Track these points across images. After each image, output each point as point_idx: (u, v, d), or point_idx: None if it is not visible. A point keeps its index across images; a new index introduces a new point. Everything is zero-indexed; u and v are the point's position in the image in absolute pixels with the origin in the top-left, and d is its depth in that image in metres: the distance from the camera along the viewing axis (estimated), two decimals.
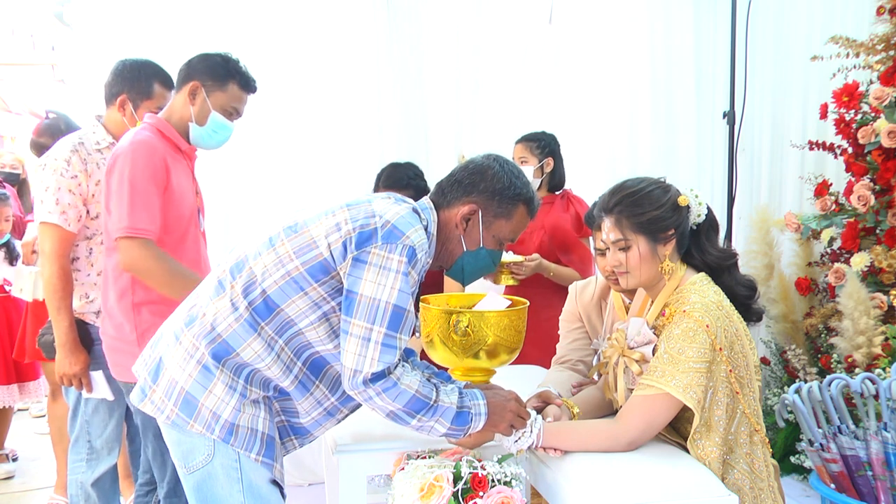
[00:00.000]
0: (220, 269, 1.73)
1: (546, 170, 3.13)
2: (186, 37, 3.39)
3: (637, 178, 1.87)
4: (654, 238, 1.80)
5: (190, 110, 2.27)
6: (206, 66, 2.27)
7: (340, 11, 3.61)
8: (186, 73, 2.28)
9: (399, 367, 1.63)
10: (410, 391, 1.62)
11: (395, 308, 1.59)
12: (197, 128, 2.28)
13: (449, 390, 1.69)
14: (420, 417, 1.64)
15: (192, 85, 2.25)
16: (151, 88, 2.47)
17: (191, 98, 2.26)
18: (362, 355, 1.59)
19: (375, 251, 1.60)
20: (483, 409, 1.70)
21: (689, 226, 1.85)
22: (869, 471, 2.33)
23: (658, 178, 1.88)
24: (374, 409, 1.65)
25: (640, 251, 1.80)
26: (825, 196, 3.57)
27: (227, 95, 2.29)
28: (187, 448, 1.68)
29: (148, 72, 2.49)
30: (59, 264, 2.36)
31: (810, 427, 2.35)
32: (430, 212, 1.75)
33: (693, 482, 1.66)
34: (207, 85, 2.26)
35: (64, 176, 2.36)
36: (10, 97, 7.91)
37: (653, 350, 1.79)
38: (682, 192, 1.84)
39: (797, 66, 3.98)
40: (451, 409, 1.66)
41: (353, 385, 1.62)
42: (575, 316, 2.40)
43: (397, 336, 1.61)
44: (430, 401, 1.64)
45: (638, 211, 1.79)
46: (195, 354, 1.66)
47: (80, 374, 2.39)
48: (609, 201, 1.83)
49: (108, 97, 2.50)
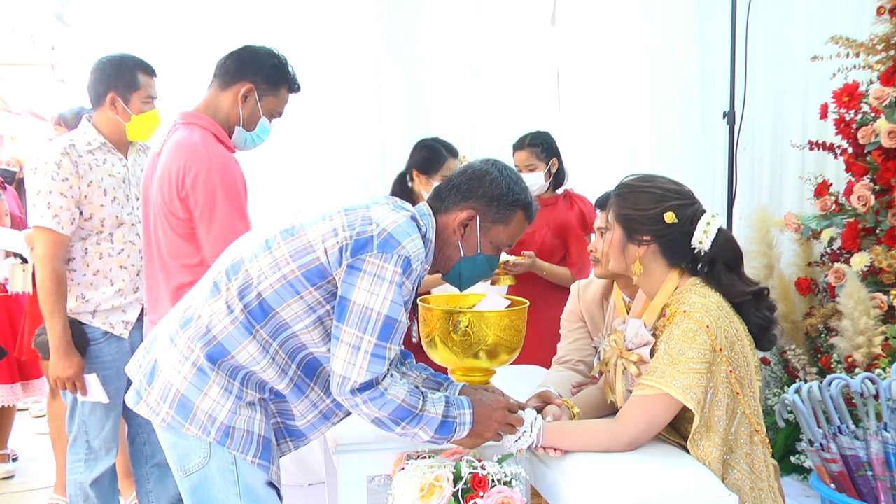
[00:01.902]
0: (215, 271, 1.72)
1: (552, 171, 3.14)
2: (186, 37, 3.40)
3: (648, 175, 1.88)
4: (629, 234, 1.83)
5: (239, 113, 2.18)
6: (261, 67, 2.17)
7: (341, 11, 3.61)
8: (238, 70, 2.17)
9: (387, 378, 1.64)
10: (397, 401, 1.63)
11: (386, 318, 1.59)
12: (242, 131, 2.21)
13: (436, 399, 1.70)
14: (404, 425, 1.65)
15: (245, 87, 2.16)
16: (136, 79, 2.45)
17: (242, 101, 2.17)
18: (351, 363, 1.60)
19: (371, 259, 1.59)
20: (468, 419, 1.71)
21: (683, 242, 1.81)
22: (869, 471, 2.33)
23: (678, 185, 1.86)
24: (359, 414, 1.66)
25: (613, 239, 1.85)
26: (825, 196, 3.57)
27: (278, 100, 2.23)
28: (183, 451, 1.68)
29: (129, 64, 2.46)
30: (53, 267, 2.36)
31: (810, 427, 2.35)
32: (428, 218, 1.75)
33: (693, 482, 1.66)
34: (261, 88, 2.18)
35: (55, 179, 2.35)
36: (10, 97, 7.90)
37: (651, 351, 1.78)
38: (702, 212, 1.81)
39: (797, 66, 3.98)
40: (435, 419, 1.67)
41: (340, 391, 1.62)
42: (576, 315, 2.40)
43: (387, 346, 1.61)
44: (415, 410, 1.65)
45: (621, 202, 1.85)
46: (190, 357, 1.66)
47: (74, 378, 2.39)
48: (617, 186, 1.89)
49: (94, 99, 2.48)
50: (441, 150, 3.09)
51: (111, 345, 2.49)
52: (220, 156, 2.08)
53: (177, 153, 2.09)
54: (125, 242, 2.49)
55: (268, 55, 2.20)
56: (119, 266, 2.49)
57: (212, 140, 2.12)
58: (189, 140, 2.09)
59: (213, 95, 2.21)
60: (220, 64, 2.21)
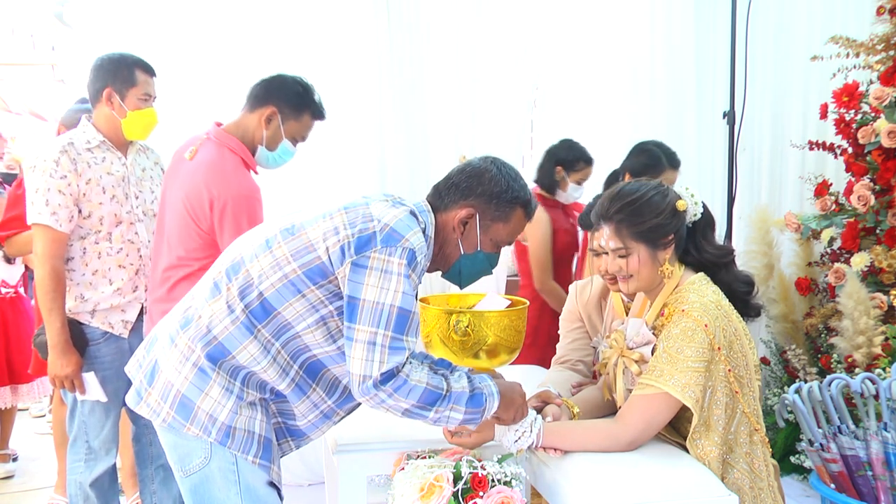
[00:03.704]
0: (215, 271, 1.72)
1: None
2: (186, 37, 3.39)
3: (635, 184, 1.85)
4: (655, 245, 1.79)
5: (263, 134, 2.33)
6: (285, 93, 2.33)
7: (341, 12, 3.61)
8: (264, 95, 2.34)
9: (407, 365, 1.60)
10: (422, 385, 1.59)
11: (399, 310, 1.58)
12: (265, 151, 2.35)
13: (457, 377, 1.67)
14: (437, 409, 1.61)
15: (269, 110, 2.32)
16: (134, 76, 2.47)
17: (266, 123, 2.32)
18: (370, 360, 1.57)
19: (375, 255, 1.59)
20: (494, 389, 1.68)
21: (686, 226, 1.85)
22: (869, 471, 2.33)
23: (654, 181, 1.87)
24: (388, 410, 1.61)
25: (640, 258, 1.79)
26: (825, 196, 3.57)
27: (300, 125, 2.37)
28: (184, 451, 1.67)
29: (128, 61, 2.49)
30: (51, 265, 2.36)
31: (810, 427, 2.35)
32: (427, 214, 1.74)
33: (693, 482, 1.66)
34: (284, 113, 2.33)
35: (53, 177, 2.36)
36: (10, 97, 7.90)
37: (652, 350, 1.79)
38: (678, 193, 1.83)
39: (797, 66, 3.98)
40: (463, 394, 1.63)
41: (363, 391, 1.58)
42: (575, 315, 2.40)
43: (404, 338, 1.59)
44: (442, 391, 1.61)
45: (638, 220, 1.78)
46: (191, 357, 1.65)
47: (73, 376, 2.39)
48: (609, 209, 1.81)
49: (93, 95, 2.50)
50: (661, 158, 2.90)
51: (110, 345, 2.49)
52: (249, 188, 2.26)
53: (210, 175, 2.24)
54: (124, 241, 2.50)
55: (293, 82, 2.36)
56: (118, 265, 2.49)
57: (241, 168, 2.30)
58: (221, 166, 2.27)
59: (242, 117, 2.37)
60: (251, 88, 2.38)
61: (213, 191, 2.20)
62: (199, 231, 2.25)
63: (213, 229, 2.22)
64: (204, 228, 2.24)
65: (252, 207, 2.23)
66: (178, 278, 2.28)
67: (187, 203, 2.25)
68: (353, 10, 3.62)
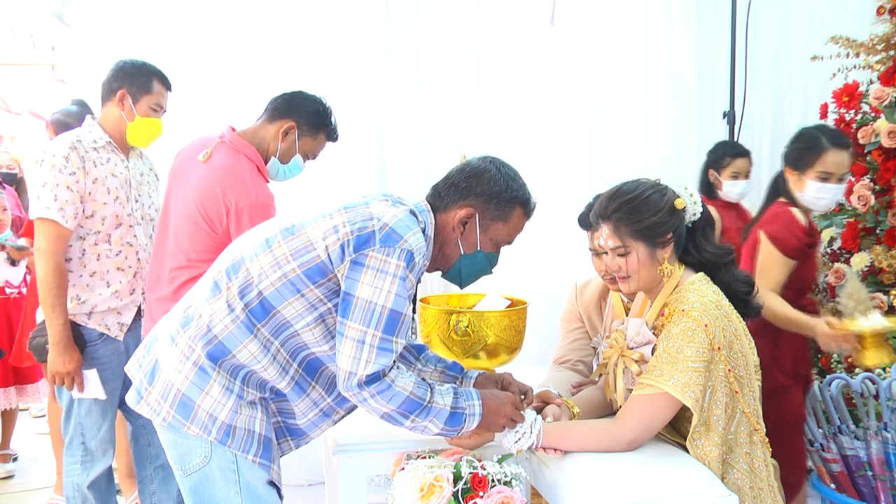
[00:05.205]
0: (215, 271, 1.72)
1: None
2: (186, 38, 3.39)
3: (633, 183, 1.85)
4: (653, 243, 1.80)
5: (278, 146, 2.38)
6: (306, 110, 2.38)
7: (341, 11, 3.61)
8: (285, 109, 2.38)
9: (394, 370, 1.63)
10: (405, 393, 1.62)
11: (391, 312, 1.59)
12: (277, 162, 2.39)
13: (444, 391, 1.69)
14: (413, 418, 1.65)
15: (288, 124, 2.36)
16: (151, 84, 2.50)
17: (283, 136, 2.37)
18: (357, 358, 1.59)
19: (373, 254, 1.59)
20: (478, 410, 1.71)
21: (685, 225, 1.85)
22: (869, 471, 2.33)
23: (653, 180, 1.87)
24: (368, 410, 1.65)
25: (639, 257, 1.80)
26: None
27: (315, 143, 2.43)
28: (184, 450, 1.68)
29: (148, 70, 2.53)
30: (55, 261, 2.36)
31: (810, 427, 2.35)
32: (427, 214, 1.75)
33: (693, 482, 1.66)
34: (302, 129, 2.38)
35: (62, 172, 2.36)
36: (10, 97, 7.90)
37: (652, 350, 1.79)
38: (677, 192, 1.83)
39: (797, 66, 3.98)
40: (444, 411, 1.67)
41: (347, 387, 1.62)
42: (575, 316, 2.40)
43: (393, 339, 1.61)
44: (423, 402, 1.64)
45: (636, 218, 1.78)
46: (191, 356, 1.66)
47: (74, 373, 2.39)
48: (607, 207, 1.82)
49: (105, 93, 2.51)
50: (820, 138, 2.53)
51: (107, 346, 2.49)
52: (266, 196, 2.30)
53: (228, 181, 2.26)
54: (123, 244, 2.50)
55: (314, 102, 2.41)
56: (116, 268, 2.49)
57: (257, 175, 2.33)
58: (239, 172, 2.29)
59: (260, 126, 2.41)
60: (273, 100, 2.42)
61: (231, 197, 2.23)
62: (211, 234, 2.26)
63: (228, 234, 2.24)
64: (217, 232, 2.26)
65: (268, 215, 2.23)
66: (186, 279, 2.28)
67: (201, 206, 2.25)
68: (354, 10, 3.62)
